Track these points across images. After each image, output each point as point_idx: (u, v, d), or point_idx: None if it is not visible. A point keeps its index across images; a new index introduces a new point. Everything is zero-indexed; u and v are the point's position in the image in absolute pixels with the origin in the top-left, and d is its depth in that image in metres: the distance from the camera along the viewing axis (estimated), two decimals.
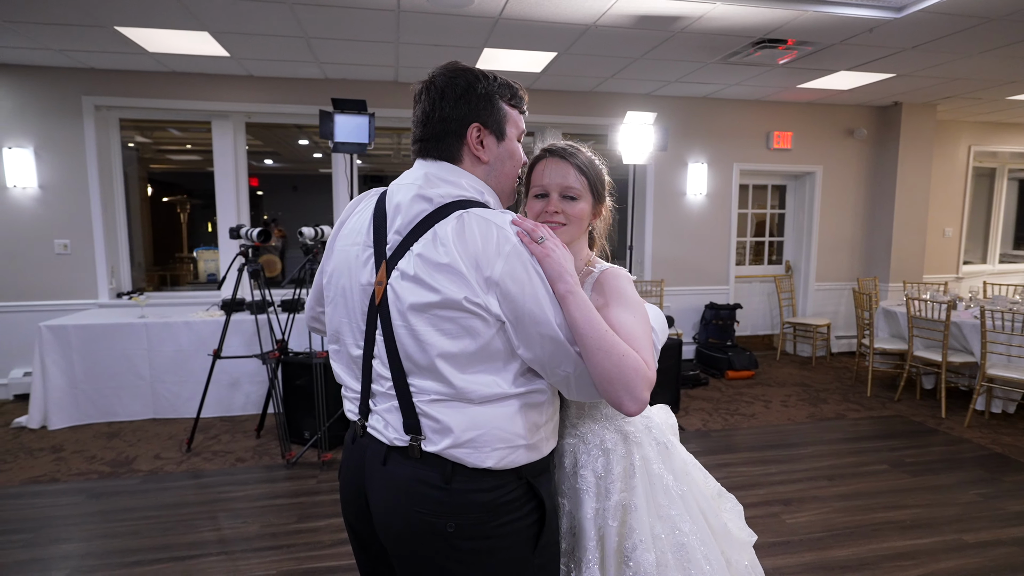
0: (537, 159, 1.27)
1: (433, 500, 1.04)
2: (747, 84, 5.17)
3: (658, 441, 1.32)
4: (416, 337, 1.03)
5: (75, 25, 3.59)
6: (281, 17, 3.48)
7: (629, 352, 0.99)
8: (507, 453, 1.05)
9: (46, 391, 4.06)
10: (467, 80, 1.11)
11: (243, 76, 4.79)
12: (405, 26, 3.66)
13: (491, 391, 1.03)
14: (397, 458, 1.07)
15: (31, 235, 4.63)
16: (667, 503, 1.26)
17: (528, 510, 1.09)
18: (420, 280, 1.01)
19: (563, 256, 1.04)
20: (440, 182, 1.09)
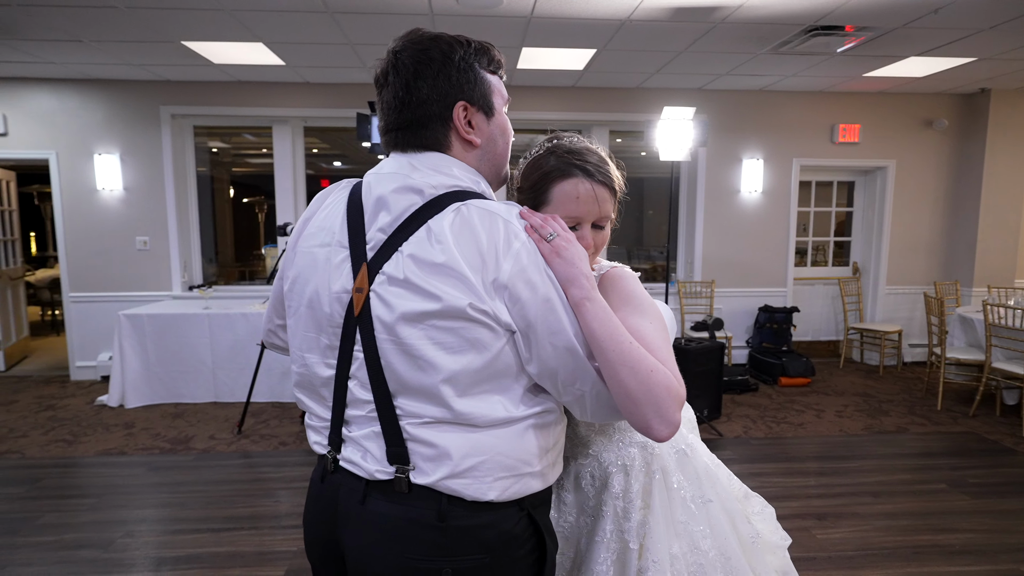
0: (558, 174, 1.04)
1: (426, 543, 0.88)
2: (806, 75, 4.89)
3: (676, 449, 1.21)
4: (408, 353, 0.86)
5: (148, 41, 3.95)
6: (325, 26, 3.67)
7: (658, 367, 0.84)
8: (512, 483, 0.90)
9: (124, 373, 4.50)
10: (441, 50, 0.92)
11: (300, 83, 5.08)
12: (442, 29, 3.74)
13: (498, 414, 0.88)
14: (379, 494, 0.90)
15: (116, 233, 5.14)
16: (686, 519, 1.16)
17: (529, 548, 0.95)
18: (413, 285, 0.85)
19: (576, 256, 0.89)
20: (430, 171, 0.92)
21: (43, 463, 3.51)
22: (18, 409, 4.47)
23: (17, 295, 5.93)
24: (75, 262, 5.15)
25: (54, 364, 5.71)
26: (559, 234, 0.89)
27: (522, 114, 5.36)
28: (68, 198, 5.07)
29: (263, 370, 4.20)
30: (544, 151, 1.07)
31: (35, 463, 3.52)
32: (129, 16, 3.49)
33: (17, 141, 4.99)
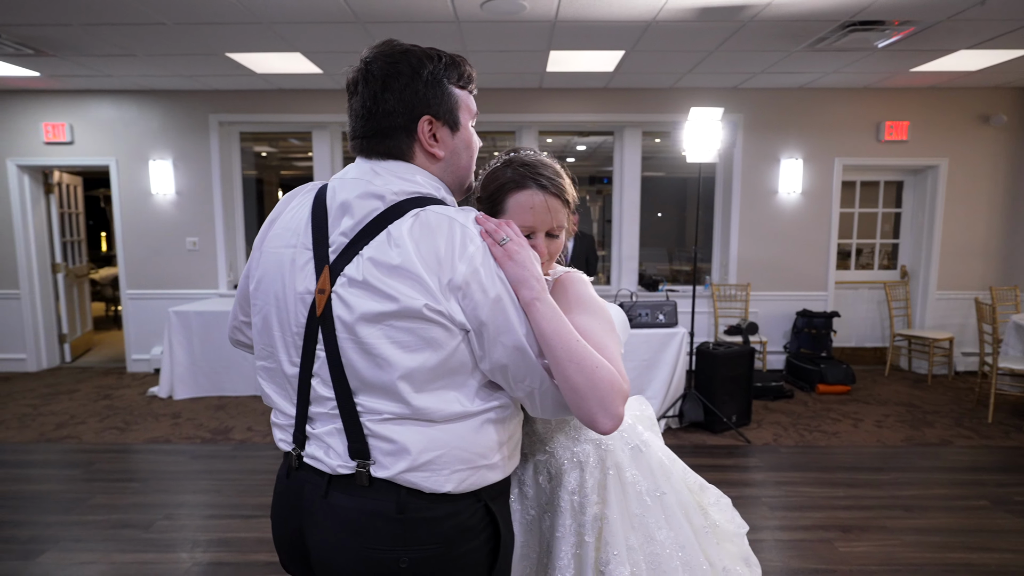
0: (513, 185, 1.08)
1: (385, 534, 0.92)
2: (848, 71, 4.72)
3: (630, 445, 1.26)
4: (367, 351, 0.90)
5: (195, 54, 4.19)
6: (357, 35, 3.80)
7: (603, 364, 0.89)
8: (468, 475, 0.94)
9: (172, 366, 4.78)
10: (411, 65, 0.95)
11: (338, 90, 5.26)
12: (468, 35, 3.83)
13: (452, 409, 0.92)
14: (341, 488, 0.94)
15: (169, 234, 5.46)
16: (641, 512, 1.21)
17: (485, 537, 0.99)
18: (371, 287, 0.89)
19: (527, 259, 0.92)
20: (393, 178, 0.95)
21: (97, 448, 3.78)
22: (79, 397, 4.82)
23: (82, 291, 6.38)
24: (131, 261, 5.51)
25: (114, 356, 6.11)
26: (512, 239, 0.93)
27: (554, 116, 5.39)
28: (126, 201, 5.43)
29: None
30: (502, 164, 1.11)
31: (90, 448, 3.79)
32: (177, 31, 3.71)
33: (82, 149, 5.38)
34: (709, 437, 3.96)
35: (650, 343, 3.90)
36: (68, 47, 4.04)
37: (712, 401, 3.97)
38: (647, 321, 3.96)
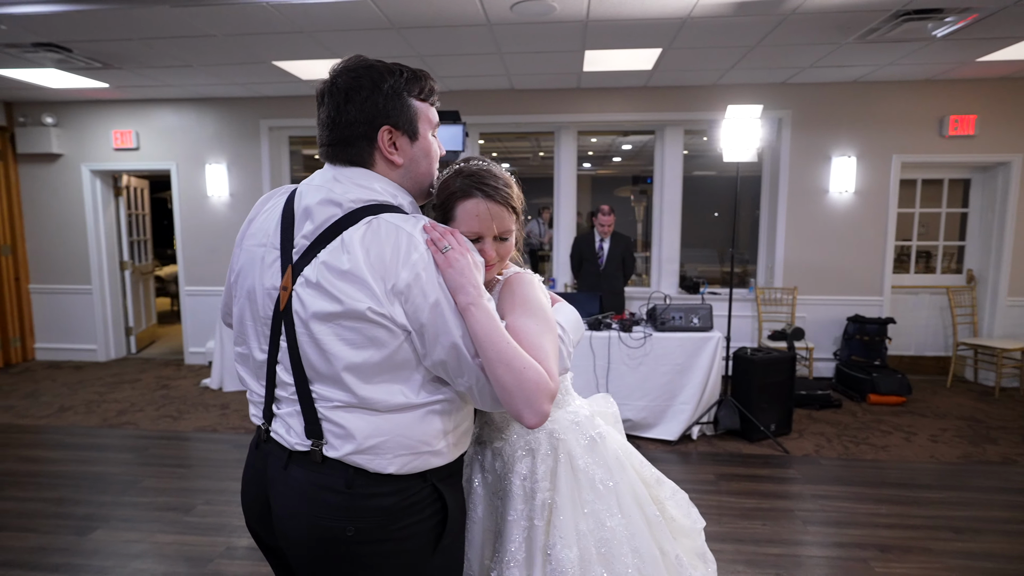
0: (461, 194, 1.13)
1: (333, 505, 1.02)
2: (906, 63, 4.45)
3: (587, 435, 1.31)
4: (319, 346, 0.99)
5: (245, 63, 4.41)
6: (393, 41, 3.89)
7: (530, 365, 0.97)
8: (410, 459, 1.03)
9: (223, 359, 5.04)
10: (372, 79, 1.03)
11: None
12: (501, 37, 3.85)
13: (396, 401, 1.01)
14: (298, 463, 1.04)
15: (222, 234, 5.75)
16: (593, 498, 1.26)
17: (430, 512, 1.08)
18: (322, 288, 0.97)
19: (466, 266, 0.99)
20: (352, 186, 1.03)
21: (151, 435, 4.04)
22: (140, 387, 5.16)
23: (148, 287, 6.82)
24: (189, 259, 5.84)
25: (174, 349, 6.50)
26: (453, 247, 1.00)
27: (592, 116, 5.34)
28: (184, 203, 5.77)
29: None
30: (452, 173, 1.15)
31: (145, 434, 4.05)
32: (227, 43, 3.92)
33: (147, 154, 5.75)
34: (745, 446, 3.83)
35: (683, 347, 3.81)
36: (131, 60, 4.33)
37: (749, 408, 3.83)
38: (680, 325, 3.86)
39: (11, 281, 5.86)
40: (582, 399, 1.45)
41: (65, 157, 5.82)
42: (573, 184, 5.64)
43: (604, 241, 4.78)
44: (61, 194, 5.87)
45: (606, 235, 4.74)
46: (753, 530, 2.81)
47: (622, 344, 3.82)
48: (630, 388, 3.86)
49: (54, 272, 6.00)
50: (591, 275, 4.80)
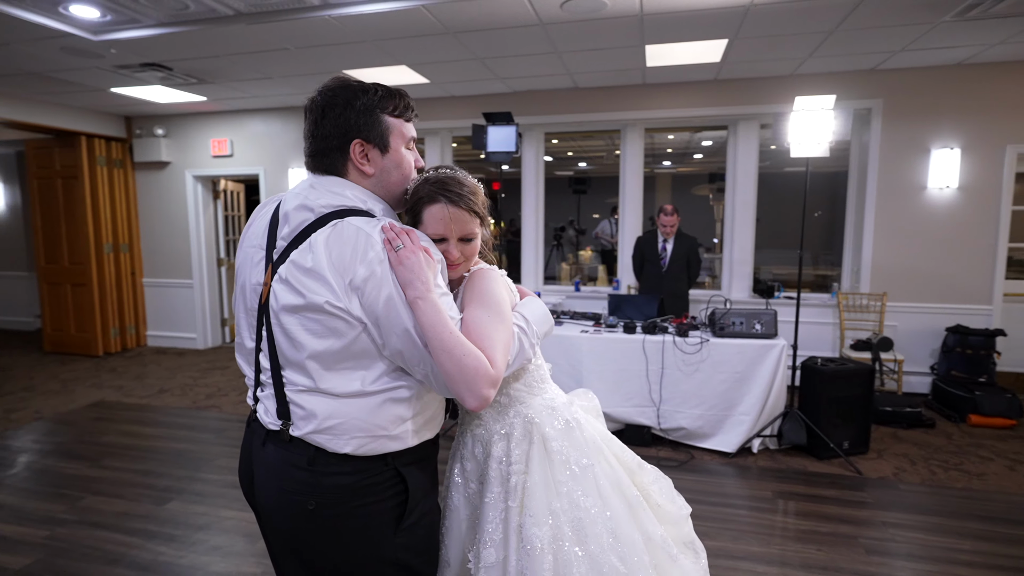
0: (427, 200, 1.21)
1: (297, 480, 1.12)
2: (1018, 41, 3.92)
3: (562, 419, 1.35)
4: (288, 335, 1.11)
5: (318, 73, 4.69)
6: (450, 45, 3.98)
7: (471, 352, 1.06)
8: (367, 442, 1.12)
9: None
10: (345, 97, 1.15)
11: (446, 97, 5.55)
12: (555, 36, 3.82)
13: (353, 388, 1.10)
14: (272, 441, 1.16)
15: None
16: (567, 478, 1.30)
17: (392, 494, 1.16)
18: (289, 284, 1.09)
19: (416, 264, 1.07)
20: (325, 192, 1.15)
21: (231, 418, 4.40)
22: (228, 374, 5.64)
23: None
24: None
25: None
26: (406, 246, 1.08)
27: (659, 112, 5.17)
28: None
29: None
30: (421, 180, 1.23)
31: (226, 417, 4.43)
32: (299, 55, 4.19)
33: (240, 160, 6.27)
34: (811, 463, 3.55)
35: (743, 354, 3.59)
36: (220, 75, 4.74)
37: (818, 423, 3.55)
38: (740, 331, 3.64)
39: (129, 275, 6.62)
40: (560, 391, 1.49)
41: (172, 164, 6.48)
42: (638, 182, 5.49)
43: (667, 242, 4.61)
44: (168, 198, 6.54)
45: (669, 235, 4.57)
46: (806, 554, 2.60)
47: (677, 349, 3.67)
48: (685, 395, 3.70)
49: (162, 267, 6.70)
50: (653, 276, 4.65)
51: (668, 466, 3.47)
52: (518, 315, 1.28)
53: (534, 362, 1.38)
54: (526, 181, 5.65)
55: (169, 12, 3.44)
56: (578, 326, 4.04)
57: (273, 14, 3.44)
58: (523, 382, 1.36)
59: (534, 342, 1.29)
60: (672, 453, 3.70)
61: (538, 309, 1.35)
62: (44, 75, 4.72)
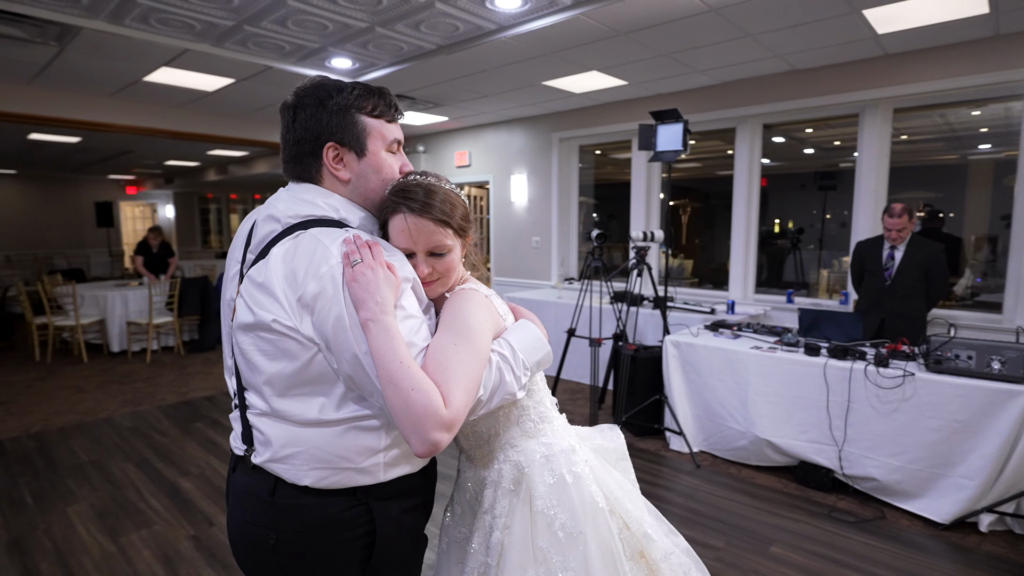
0: (389, 209, 1.10)
1: (259, 512, 1.03)
2: None
3: (555, 474, 1.19)
4: (245, 356, 1.03)
5: (520, 87, 5.12)
6: (628, 46, 3.93)
7: (421, 387, 0.91)
8: (329, 474, 1.01)
9: None
10: (318, 97, 1.06)
11: (646, 96, 5.42)
12: (737, 19, 3.45)
13: (311, 415, 1.00)
14: (240, 467, 1.09)
15: (521, 234, 6.75)
16: (547, 546, 1.16)
17: (359, 533, 1.04)
18: (244, 300, 1.02)
19: (371, 281, 0.95)
20: (294, 202, 1.06)
21: None
22: None
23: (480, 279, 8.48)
24: (499, 255, 7.06)
25: None
26: (362, 261, 0.96)
27: (910, 88, 4.16)
28: (496, 208, 6.99)
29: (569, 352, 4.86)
30: (390, 190, 1.12)
31: None
32: (497, 73, 4.66)
33: (476, 169, 7.19)
34: None
35: (968, 399, 2.72)
36: (447, 98, 5.55)
37: None
38: (966, 367, 2.76)
39: None
40: (570, 429, 1.32)
41: None
42: (879, 175, 4.50)
43: (896, 249, 3.71)
44: None
45: (897, 242, 3.67)
46: None
47: (869, 381, 2.99)
48: (878, 438, 2.99)
49: None
50: (873, 291, 3.80)
51: (846, 522, 2.88)
52: (503, 342, 1.11)
53: (533, 398, 1.23)
54: (738, 177, 5.15)
55: (393, 54, 4.23)
56: (752, 341, 3.59)
57: (463, 43, 3.93)
58: (515, 420, 1.21)
59: (520, 374, 1.10)
60: (856, 506, 3.04)
61: (529, 335, 1.16)
62: None
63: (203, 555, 2.61)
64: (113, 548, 2.68)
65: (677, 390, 3.75)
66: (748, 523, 2.91)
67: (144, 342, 6.62)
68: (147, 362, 6.23)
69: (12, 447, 3.90)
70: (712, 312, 4.58)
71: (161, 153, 9.57)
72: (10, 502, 3.12)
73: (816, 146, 8.94)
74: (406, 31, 3.71)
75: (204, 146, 8.41)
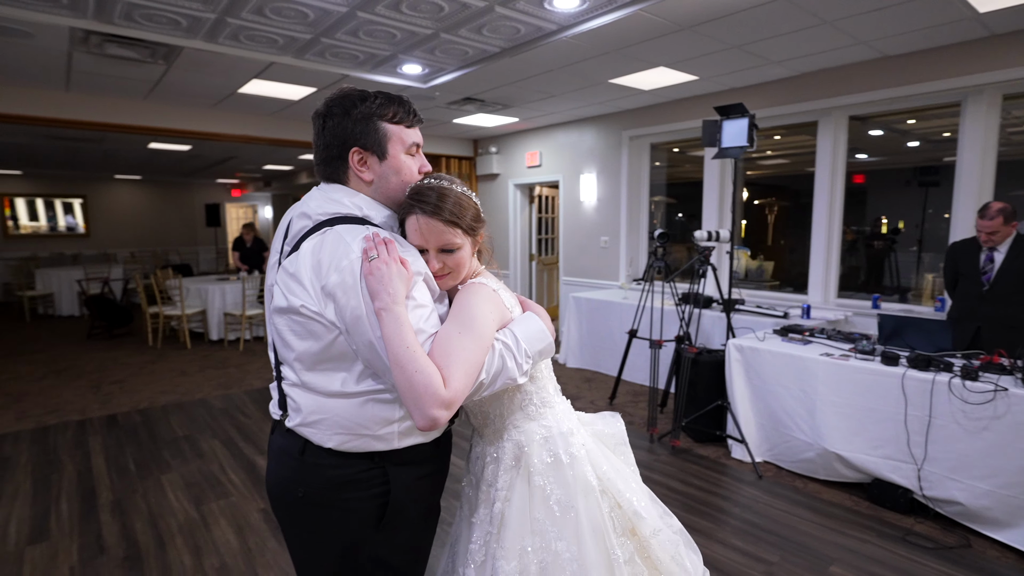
0: (404, 210, 1.23)
1: (291, 468, 1.19)
2: None
3: (552, 453, 1.30)
4: (280, 335, 1.18)
5: (587, 86, 5.09)
6: (693, 39, 3.81)
7: (423, 370, 1.04)
8: (349, 439, 1.15)
9: (568, 340, 5.97)
10: (344, 106, 1.18)
11: (716, 92, 5.21)
12: (811, 6, 3.25)
13: (334, 387, 1.13)
14: (278, 429, 1.24)
15: (589, 233, 6.70)
16: (544, 517, 1.26)
17: (375, 493, 1.17)
18: (279, 287, 1.16)
19: (385, 275, 1.06)
20: (324, 200, 1.19)
21: None
22: None
23: (551, 276, 8.51)
24: (567, 254, 7.05)
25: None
26: (380, 256, 1.09)
27: (1015, 72, 3.74)
28: (565, 207, 6.98)
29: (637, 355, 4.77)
30: (408, 192, 1.24)
31: None
32: (562, 73, 4.67)
33: (547, 169, 7.22)
34: None
35: None
36: (515, 99, 5.63)
37: None
38: None
39: None
40: (572, 414, 1.41)
41: (500, 176, 7.91)
42: (985, 167, 4.06)
43: (996, 252, 3.35)
44: (496, 204, 8.02)
45: (992, 244, 3.31)
46: None
47: (953, 395, 2.73)
48: (963, 459, 2.72)
49: None
50: (968, 297, 3.45)
51: (923, 547, 2.65)
52: (508, 332, 1.22)
53: (536, 384, 1.34)
54: (820, 172, 4.84)
55: (459, 58, 4.36)
56: (823, 348, 3.38)
57: (525, 45, 3.98)
58: (519, 404, 1.33)
59: (521, 362, 1.21)
60: (936, 531, 2.79)
61: (533, 326, 1.26)
62: None
63: (270, 527, 2.84)
64: (196, 515, 2.97)
65: (740, 396, 3.59)
66: (808, 539, 2.74)
67: (239, 332, 7.23)
68: (240, 350, 6.80)
69: (123, 420, 4.41)
70: (784, 316, 4.34)
71: (259, 158, 10.38)
72: (117, 468, 3.55)
73: (922, 138, 8.20)
74: (469, 35, 3.81)
75: (295, 151, 9.03)
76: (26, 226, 12.29)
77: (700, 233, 3.98)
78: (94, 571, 2.51)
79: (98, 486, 3.30)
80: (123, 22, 3.53)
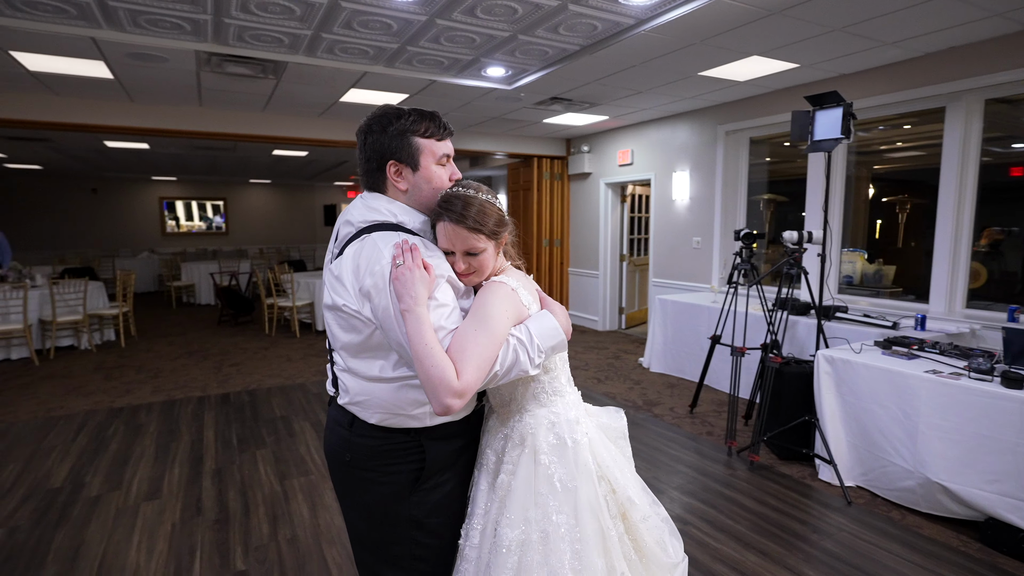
0: (435, 216, 1.36)
1: (340, 436, 1.39)
2: None
3: (557, 436, 1.41)
4: (329, 327, 1.37)
5: (675, 80, 4.88)
6: (784, 24, 3.51)
7: (439, 364, 1.17)
8: (388, 417, 1.33)
9: (653, 344, 5.77)
10: (381, 124, 1.34)
11: (821, 80, 4.75)
12: None
13: (373, 374, 1.31)
14: (333, 404, 1.44)
15: (681, 233, 6.43)
16: (547, 492, 1.37)
17: (410, 461, 1.36)
18: (328, 286, 1.35)
19: (409, 280, 1.20)
20: (365, 209, 1.36)
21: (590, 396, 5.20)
22: (602, 354, 6.53)
23: (643, 277, 8.26)
24: (658, 255, 6.81)
25: None
26: (405, 262, 1.23)
27: None
28: (657, 206, 6.75)
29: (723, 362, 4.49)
30: (438, 200, 1.37)
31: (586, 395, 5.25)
32: (648, 68, 4.52)
33: (638, 167, 7.03)
34: None
35: None
36: (602, 97, 5.53)
37: None
38: None
39: (559, 265, 8.40)
40: (580, 405, 1.50)
41: (592, 175, 7.82)
42: None
43: None
44: (587, 202, 7.94)
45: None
46: None
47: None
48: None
49: (580, 259, 8.19)
50: None
51: None
52: (523, 328, 1.33)
53: (549, 374, 1.44)
54: (947, 164, 4.28)
55: (540, 59, 4.38)
56: (930, 364, 2.98)
57: (604, 41, 3.91)
58: (531, 392, 1.44)
59: (533, 356, 1.32)
60: None
61: (547, 324, 1.36)
62: (503, 118, 6.60)
63: (339, 507, 3.04)
64: (279, 488, 3.26)
65: (829, 412, 3.27)
66: None
67: None
68: None
69: (234, 399, 4.94)
70: (894, 327, 3.88)
71: None
72: (222, 441, 3.98)
73: None
74: (546, 35, 3.82)
75: None
76: (184, 225, 14.24)
77: (789, 234, 3.67)
78: (190, 529, 2.84)
79: (205, 455, 3.73)
80: (236, 43, 3.95)
